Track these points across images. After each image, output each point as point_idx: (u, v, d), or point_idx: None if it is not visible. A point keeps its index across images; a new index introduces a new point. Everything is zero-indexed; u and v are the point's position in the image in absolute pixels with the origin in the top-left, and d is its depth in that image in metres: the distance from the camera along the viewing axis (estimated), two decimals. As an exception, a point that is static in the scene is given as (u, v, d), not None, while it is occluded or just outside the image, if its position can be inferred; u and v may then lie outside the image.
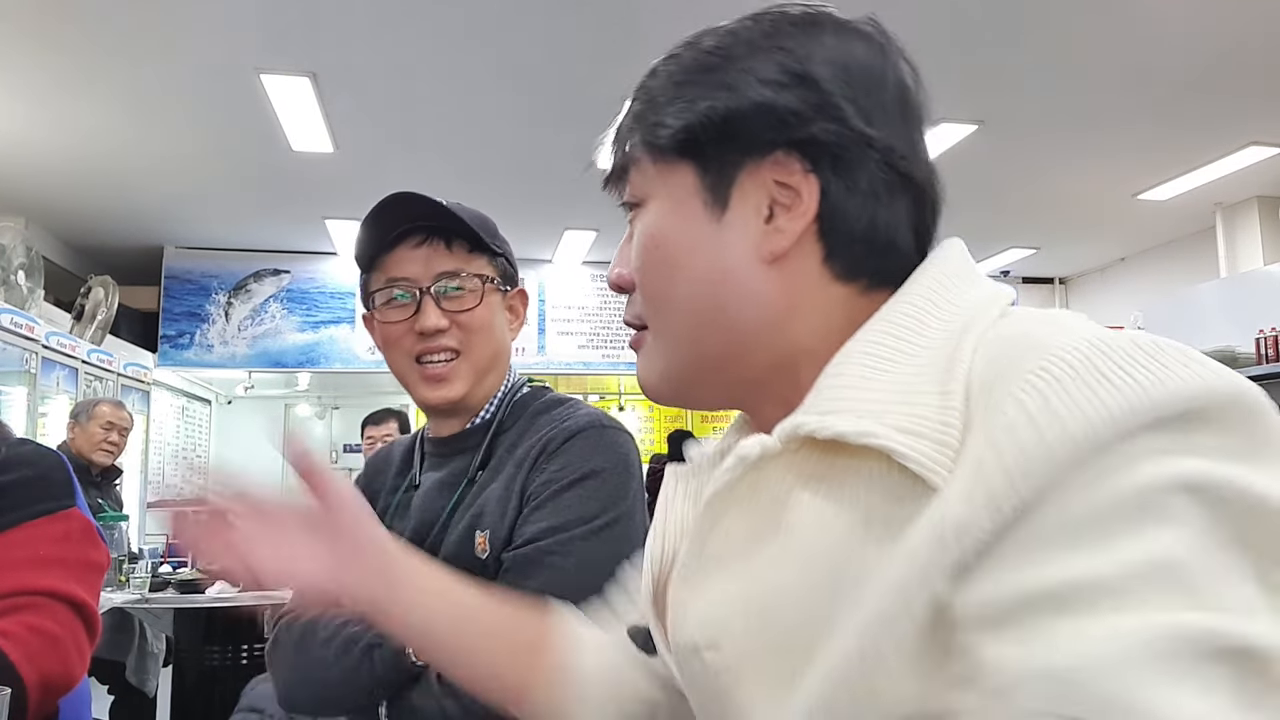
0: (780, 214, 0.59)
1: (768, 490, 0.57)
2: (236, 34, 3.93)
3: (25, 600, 1.18)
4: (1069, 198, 6.26)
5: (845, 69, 0.59)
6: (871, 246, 0.59)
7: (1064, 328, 0.48)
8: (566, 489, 1.10)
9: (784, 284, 0.59)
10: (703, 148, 0.60)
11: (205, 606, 3.63)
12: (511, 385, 1.27)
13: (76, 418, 4.12)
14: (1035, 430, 0.43)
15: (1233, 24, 3.96)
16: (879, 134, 0.58)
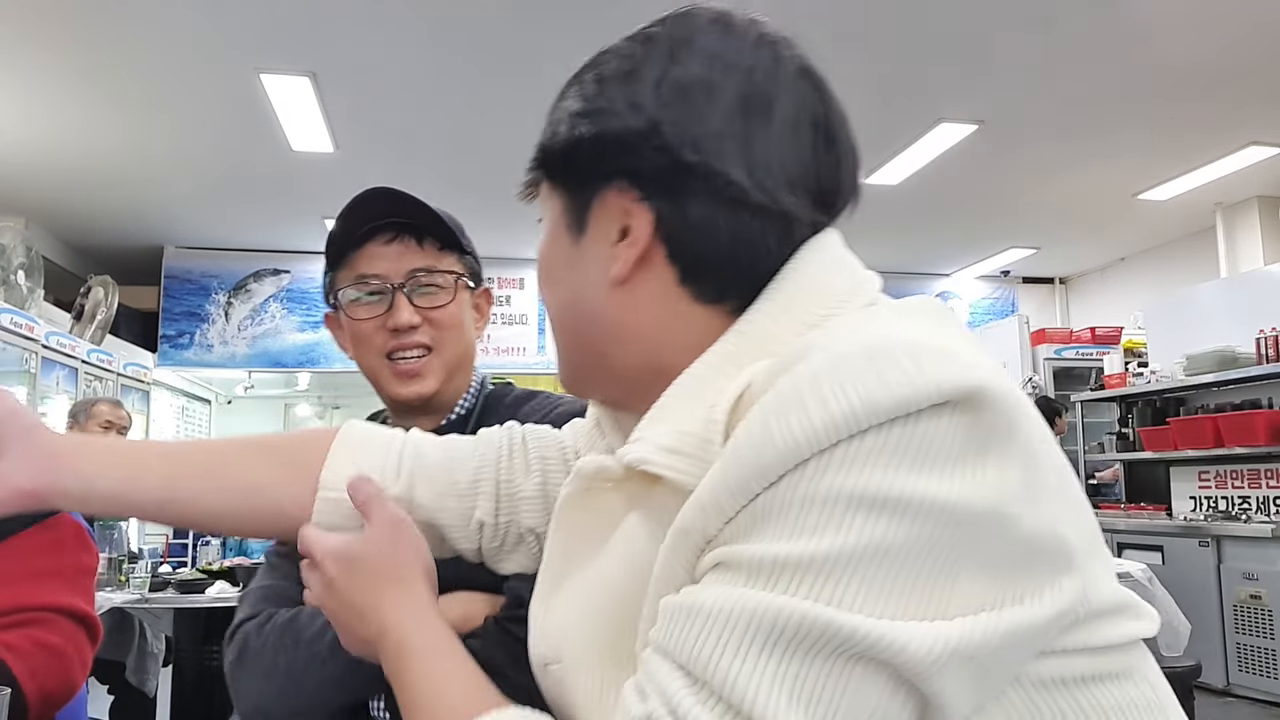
0: (622, 239, 0.60)
1: (605, 507, 0.62)
2: (236, 34, 3.93)
3: (28, 616, 1.19)
4: (1069, 198, 6.26)
5: (677, 89, 0.58)
6: (734, 269, 0.58)
7: (829, 337, 0.49)
8: None
9: (632, 306, 0.60)
10: (559, 174, 0.63)
11: (205, 606, 3.63)
12: (481, 380, 1.28)
13: (75, 417, 4.12)
14: (753, 447, 0.47)
15: (1233, 24, 3.96)
16: (705, 160, 0.57)
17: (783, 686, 0.44)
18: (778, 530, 0.46)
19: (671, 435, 0.54)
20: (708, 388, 0.55)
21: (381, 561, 0.69)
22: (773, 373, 0.50)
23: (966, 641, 0.45)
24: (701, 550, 0.50)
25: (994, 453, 0.46)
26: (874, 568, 0.44)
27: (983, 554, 0.46)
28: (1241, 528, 4.79)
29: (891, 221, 6.56)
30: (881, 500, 0.45)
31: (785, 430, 0.46)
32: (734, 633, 0.45)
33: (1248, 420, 5.04)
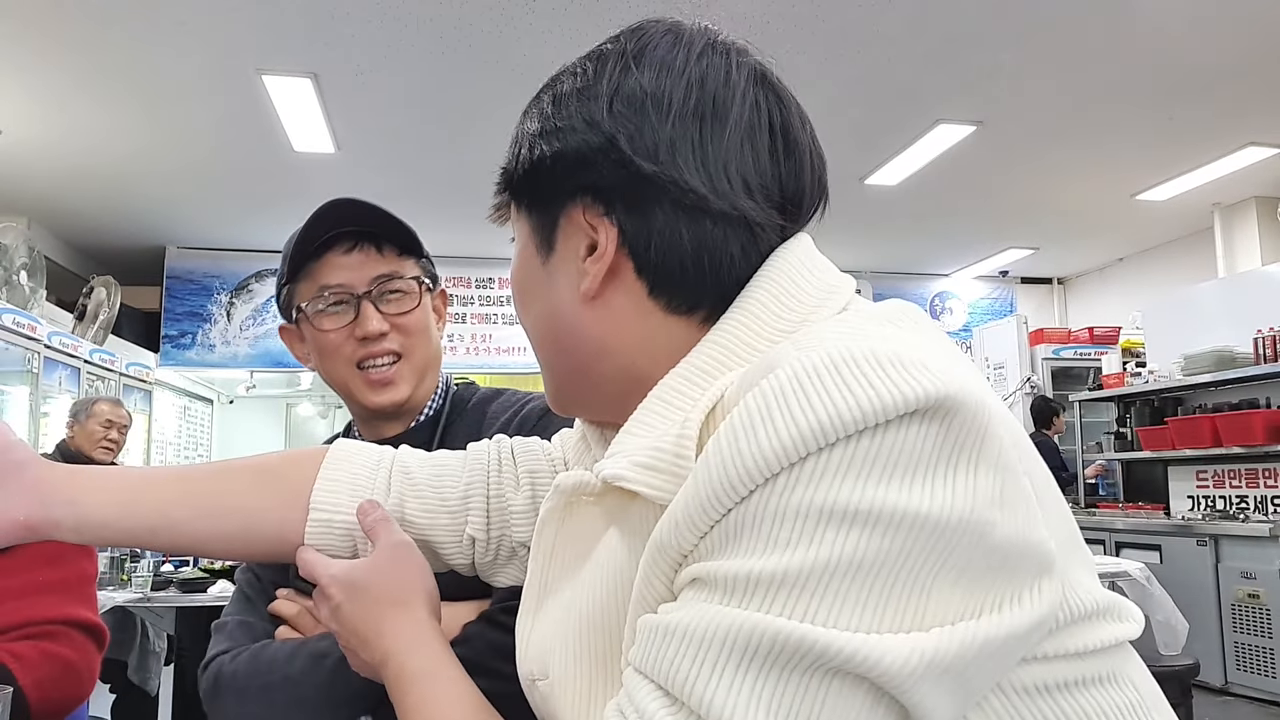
0: (590, 255, 0.60)
1: (585, 522, 0.62)
2: (238, 35, 3.95)
3: (40, 629, 1.21)
4: (1068, 198, 6.27)
5: (630, 102, 0.58)
6: (703, 278, 0.58)
7: (796, 349, 0.49)
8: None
9: (604, 321, 0.61)
10: (523, 194, 0.64)
11: (207, 605, 3.64)
12: (447, 381, 1.28)
13: (75, 416, 4.14)
14: (723, 463, 0.47)
15: (1232, 25, 3.97)
16: (658, 169, 0.57)
17: (760, 704, 0.44)
18: (750, 546, 0.46)
19: (645, 451, 0.54)
20: (681, 400, 0.56)
21: (384, 587, 0.71)
22: (742, 386, 0.50)
23: (944, 652, 0.44)
24: (678, 565, 0.50)
25: (964, 460, 0.46)
26: (847, 581, 0.44)
27: (957, 563, 0.45)
28: (1239, 527, 4.80)
29: (890, 222, 6.57)
30: (852, 513, 0.44)
31: (753, 445, 0.46)
32: (710, 651, 0.45)
33: (1245, 420, 5.05)
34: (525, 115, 0.65)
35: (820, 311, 0.57)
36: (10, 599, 1.22)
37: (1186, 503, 5.55)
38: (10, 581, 1.23)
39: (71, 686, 1.23)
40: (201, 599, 3.65)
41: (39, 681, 1.16)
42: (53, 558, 1.28)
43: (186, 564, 4.72)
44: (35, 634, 1.21)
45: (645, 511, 0.54)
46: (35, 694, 1.15)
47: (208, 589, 3.70)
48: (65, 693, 1.22)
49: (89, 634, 1.27)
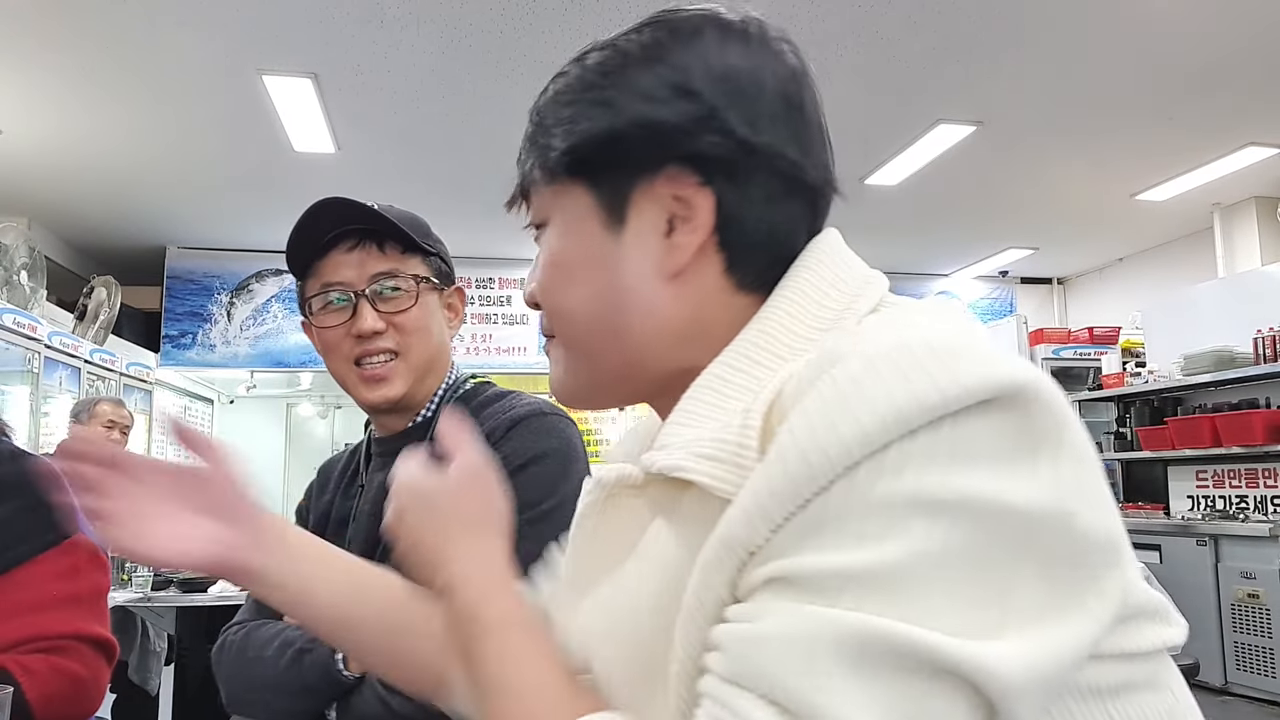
0: (679, 228, 0.59)
1: (628, 515, 0.61)
2: (238, 35, 3.95)
3: (50, 644, 1.22)
4: (1067, 198, 6.27)
5: (726, 77, 0.59)
6: (775, 254, 0.59)
7: (861, 337, 0.49)
8: (510, 476, 1.08)
9: (685, 299, 0.59)
10: (592, 168, 0.60)
11: (207, 605, 3.64)
12: (453, 382, 1.28)
13: (77, 416, 4.13)
14: (800, 452, 0.45)
15: (1232, 24, 3.98)
16: (765, 140, 0.58)
17: (876, 709, 0.42)
18: (836, 539, 0.44)
19: (706, 442, 0.52)
20: (731, 389, 0.55)
21: (456, 505, 0.65)
22: (807, 377, 0.48)
23: (1052, 664, 0.43)
24: (744, 562, 0.47)
25: (1046, 450, 0.45)
26: (938, 574, 0.43)
27: (1041, 553, 0.44)
28: (1239, 527, 4.81)
29: (890, 222, 6.58)
30: (939, 502, 0.43)
31: (833, 434, 0.44)
32: (817, 657, 0.43)
33: (1245, 420, 5.05)
34: (567, 90, 0.62)
35: (860, 301, 0.57)
36: (23, 613, 1.21)
37: (1186, 503, 5.55)
38: (24, 595, 1.23)
39: (80, 702, 1.23)
40: (201, 599, 3.65)
41: (48, 696, 1.16)
42: (66, 572, 1.28)
43: (187, 564, 4.72)
44: (46, 648, 1.21)
45: (701, 503, 0.52)
46: (43, 708, 1.15)
47: (208, 589, 3.70)
48: (73, 708, 1.22)
49: (99, 649, 1.28)
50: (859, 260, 0.61)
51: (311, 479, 1.42)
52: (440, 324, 1.25)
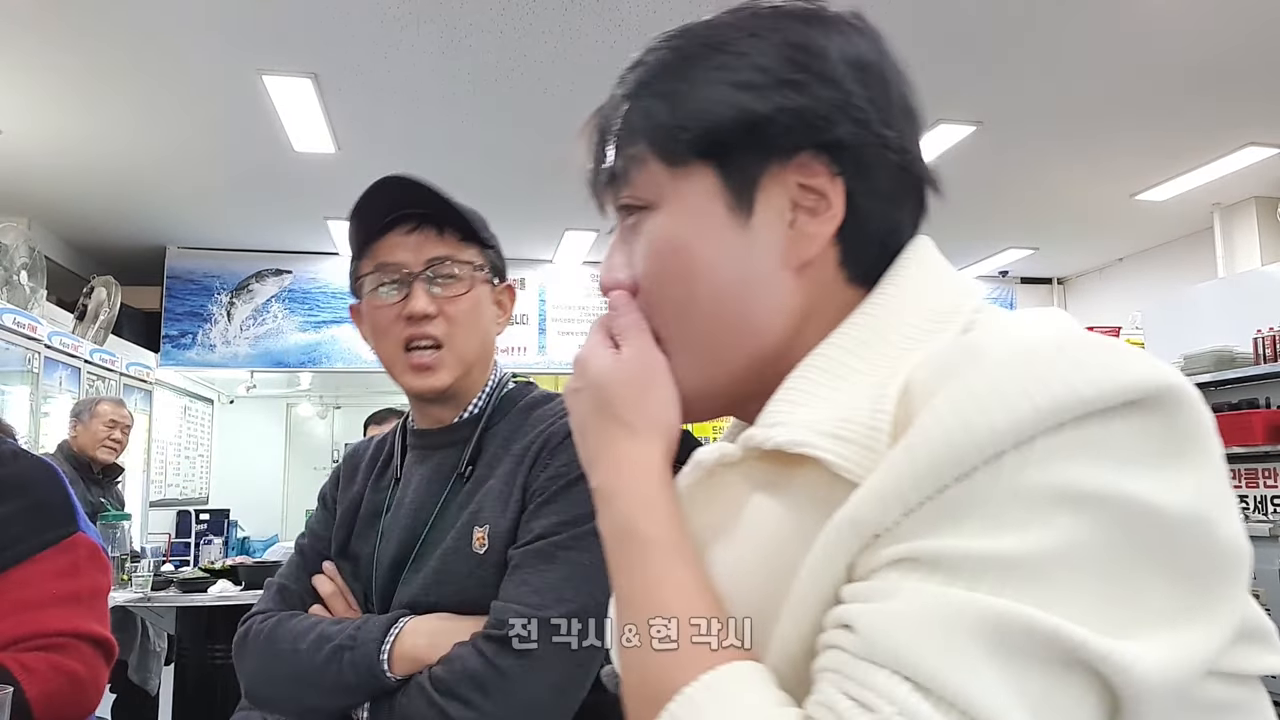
0: (805, 218, 0.57)
1: (726, 493, 0.58)
2: (238, 35, 3.95)
3: (50, 641, 1.22)
4: (1067, 198, 6.27)
5: (858, 66, 0.58)
6: (885, 248, 0.59)
7: (1004, 332, 0.49)
8: (575, 483, 1.07)
9: (805, 290, 0.58)
10: (727, 150, 0.57)
11: (207, 605, 3.65)
12: (500, 379, 1.26)
13: (78, 416, 4.14)
14: (946, 435, 0.45)
15: (1232, 24, 3.97)
16: (894, 134, 0.58)
17: (1013, 692, 0.42)
18: (976, 525, 0.44)
19: (830, 421, 0.51)
20: (845, 370, 0.54)
21: (623, 399, 0.59)
22: (942, 366, 0.48)
23: (1183, 668, 0.43)
24: (868, 543, 0.47)
25: (1190, 455, 0.45)
26: (1080, 569, 0.43)
27: (1178, 558, 0.44)
28: (1239, 527, 4.80)
29: (891, 222, 6.56)
30: (1085, 497, 0.43)
31: (984, 420, 0.44)
32: (956, 638, 0.42)
33: (1245, 420, 5.05)
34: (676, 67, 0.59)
35: (964, 302, 0.57)
36: (23, 611, 1.22)
37: (1186, 503, 5.54)
38: (23, 593, 1.23)
39: (79, 700, 1.23)
40: (201, 599, 3.65)
41: (47, 694, 1.17)
42: (66, 570, 1.28)
43: (186, 564, 4.73)
44: (45, 646, 1.21)
45: (816, 482, 0.51)
46: (42, 707, 1.15)
47: (208, 589, 3.70)
48: (72, 706, 1.22)
49: (98, 648, 1.28)
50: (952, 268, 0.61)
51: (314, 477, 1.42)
52: (490, 318, 1.24)
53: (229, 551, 5.18)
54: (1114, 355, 0.45)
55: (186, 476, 7.70)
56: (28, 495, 1.29)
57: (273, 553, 4.83)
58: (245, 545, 6.46)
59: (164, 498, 7.05)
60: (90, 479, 4.09)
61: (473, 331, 1.19)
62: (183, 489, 7.55)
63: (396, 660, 1.04)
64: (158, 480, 6.95)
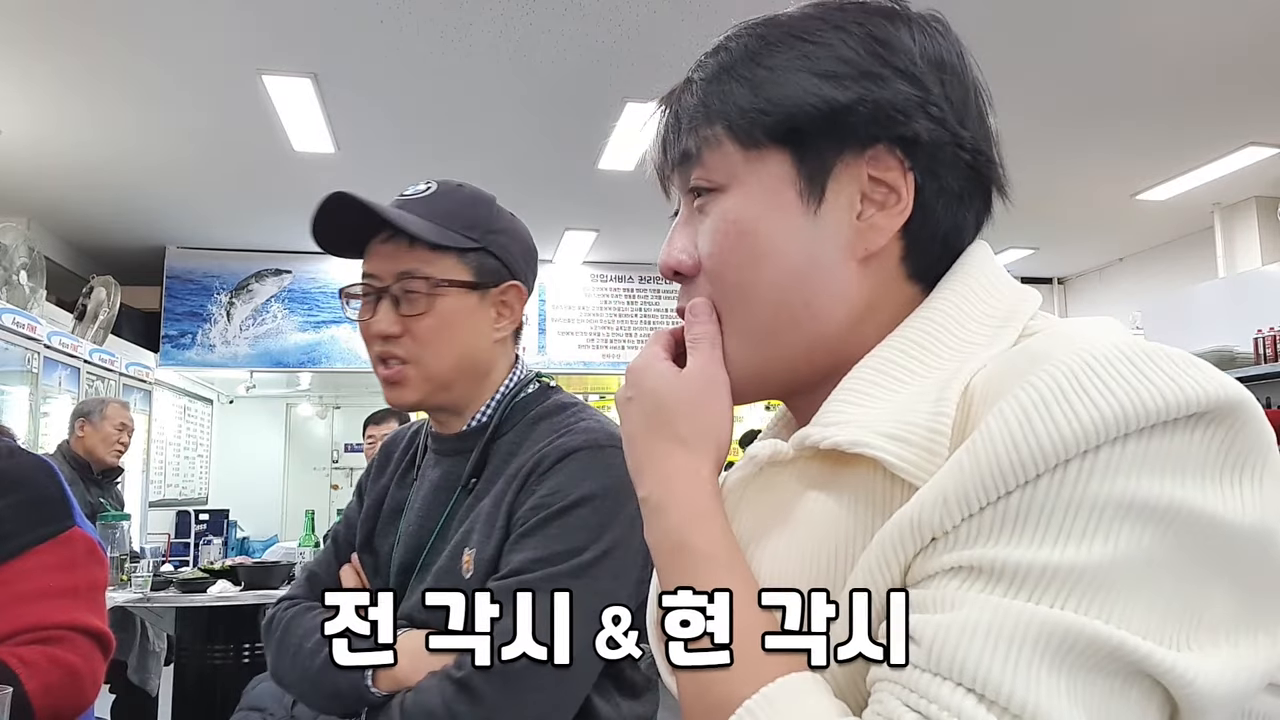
0: (872, 210, 0.57)
1: (778, 490, 0.59)
2: (238, 34, 3.95)
3: (46, 634, 1.22)
4: (1068, 198, 6.27)
5: (938, 65, 0.59)
6: (947, 248, 0.60)
7: (1070, 341, 0.49)
8: (555, 517, 1.04)
9: (868, 283, 0.58)
10: (805, 137, 0.57)
11: (207, 605, 3.64)
12: (515, 384, 1.20)
13: (87, 417, 4.12)
14: (1011, 440, 0.45)
15: (1232, 24, 3.97)
16: (969, 134, 0.59)
17: (1078, 704, 0.42)
18: (1039, 534, 0.44)
19: (889, 422, 0.51)
20: (903, 372, 0.55)
21: (677, 412, 0.59)
22: (1007, 371, 0.48)
23: (1243, 681, 0.44)
24: (925, 545, 0.47)
25: (1252, 468, 0.45)
26: (1142, 581, 0.43)
27: (1240, 570, 0.45)
28: (1239, 527, 4.79)
29: (891, 222, 6.56)
30: (1149, 509, 0.43)
31: (1050, 426, 0.44)
32: (1022, 649, 0.42)
33: (1246, 420, 5.05)
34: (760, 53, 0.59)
35: (1022, 308, 0.57)
36: (20, 604, 1.22)
37: (1187, 503, 5.53)
38: (20, 586, 1.23)
39: (76, 693, 1.23)
40: (201, 599, 3.65)
41: (45, 687, 1.17)
42: (63, 564, 1.29)
43: (186, 564, 4.73)
44: (42, 639, 1.21)
45: (873, 481, 0.52)
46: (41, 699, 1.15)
47: (207, 589, 3.70)
48: (70, 699, 1.22)
49: (95, 641, 1.28)
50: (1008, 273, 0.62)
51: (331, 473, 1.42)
52: (476, 329, 1.16)
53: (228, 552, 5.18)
54: (1179, 367, 0.45)
55: (186, 477, 7.70)
56: (24, 490, 1.30)
57: (272, 553, 4.82)
58: (245, 545, 6.46)
59: (163, 498, 7.04)
60: (90, 480, 4.08)
61: (443, 348, 1.14)
62: (182, 489, 7.55)
63: (380, 677, 1.03)
64: (157, 480, 6.95)
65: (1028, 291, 0.59)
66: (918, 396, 0.52)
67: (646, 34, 3.90)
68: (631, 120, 4.66)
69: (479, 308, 1.17)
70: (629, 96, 4.47)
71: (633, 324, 7.70)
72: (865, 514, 0.52)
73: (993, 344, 0.54)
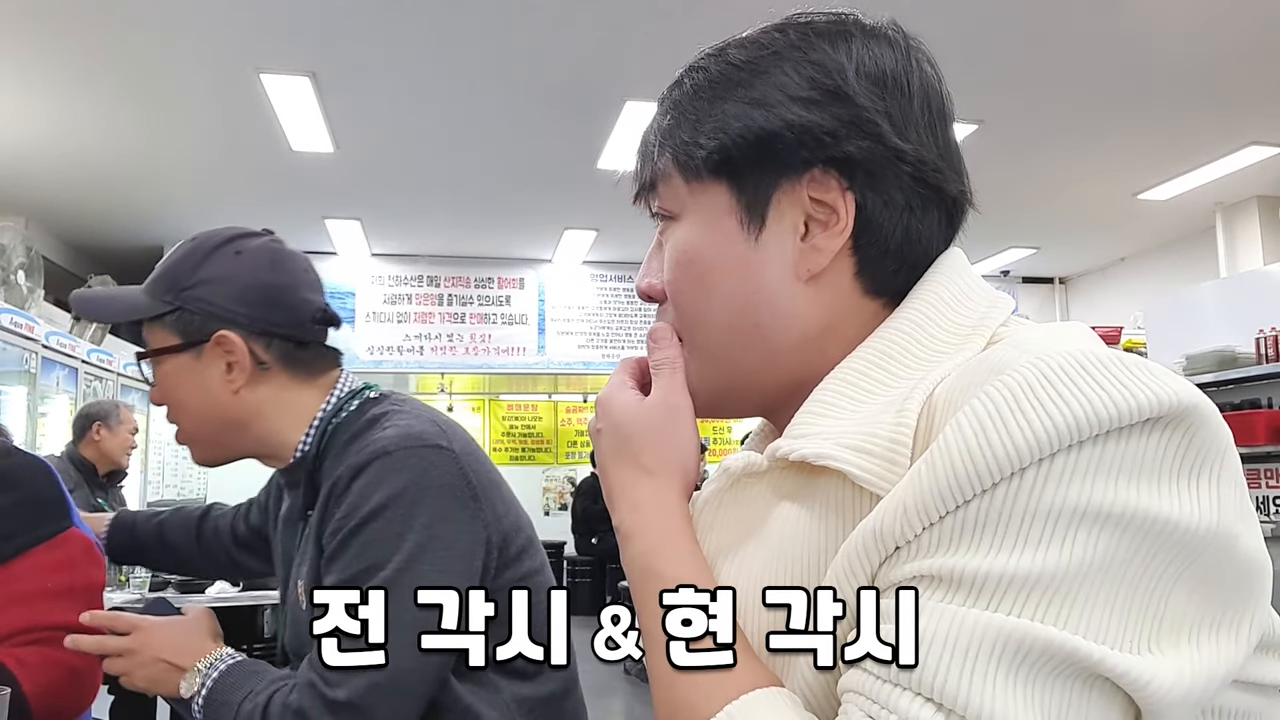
0: (817, 231, 0.58)
1: (752, 502, 0.59)
2: (236, 34, 3.94)
3: (44, 635, 1.22)
4: (1069, 198, 6.26)
5: (877, 81, 0.59)
6: (903, 261, 0.60)
7: (1026, 349, 0.49)
8: (351, 536, 1.00)
9: (820, 301, 0.59)
10: (738, 168, 0.59)
11: (205, 606, 3.63)
12: (332, 408, 1.15)
13: (105, 420, 4.06)
14: (967, 450, 0.45)
15: (1233, 24, 3.96)
16: (911, 147, 0.58)
17: (1035, 712, 0.43)
18: (995, 542, 0.45)
19: (853, 434, 0.53)
20: (870, 383, 0.56)
21: (642, 441, 0.61)
22: (967, 381, 0.49)
23: (1202, 678, 0.45)
24: (887, 554, 0.48)
25: (1208, 470, 0.46)
26: (1097, 584, 0.44)
27: (1199, 572, 0.45)
28: (1241, 527, 4.79)
29: (891, 221, 6.57)
30: (1104, 514, 0.44)
31: (1003, 436, 0.45)
32: (978, 659, 0.44)
33: (1247, 420, 5.04)
34: (703, 88, 0.60)
35: (993, 315, 0.57)
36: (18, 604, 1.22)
37: (1188, 503, 5.53)
38: (18, 587, 1.23)
39: (75, 694, 1.23)
40: (200, 600, 3.63)
41: (44, 688, 1.16)
42: (61, 564, 1.28)
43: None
44: (41, 640, 1.21)
45: (840, 492, 0.53)
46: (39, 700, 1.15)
47: (205, 590, 3.68)
48: (69, 699, 1.22)
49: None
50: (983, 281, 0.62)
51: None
52: (204, 387, 1.12)
53: (227, 552, 5.15)
54: (1132, 374, 0.46)
55: (184, 477, 7.69)
56: (21, 490, 1.29)
57: (271, 554, 4.81)
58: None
59: (161, 498, 7.03)
60: (95, 483, 4.07)
61: (181, 413, 1.15)
62: (180, 489, 7.54)
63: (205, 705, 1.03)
64: (155, 481, 6.94)
65: (999, 297, 0.59)
66: (884, 408, 0.53)
67: (646, 34, 3.89)
68: (631, 120, 4.65)
69: (199, 366, 1.13)
70: (629, 96, 4.46)
71: (632, 324, 7.69)
72: (834, 524, 0.53)
73: (959, 352, 0.55)
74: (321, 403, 1.15)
